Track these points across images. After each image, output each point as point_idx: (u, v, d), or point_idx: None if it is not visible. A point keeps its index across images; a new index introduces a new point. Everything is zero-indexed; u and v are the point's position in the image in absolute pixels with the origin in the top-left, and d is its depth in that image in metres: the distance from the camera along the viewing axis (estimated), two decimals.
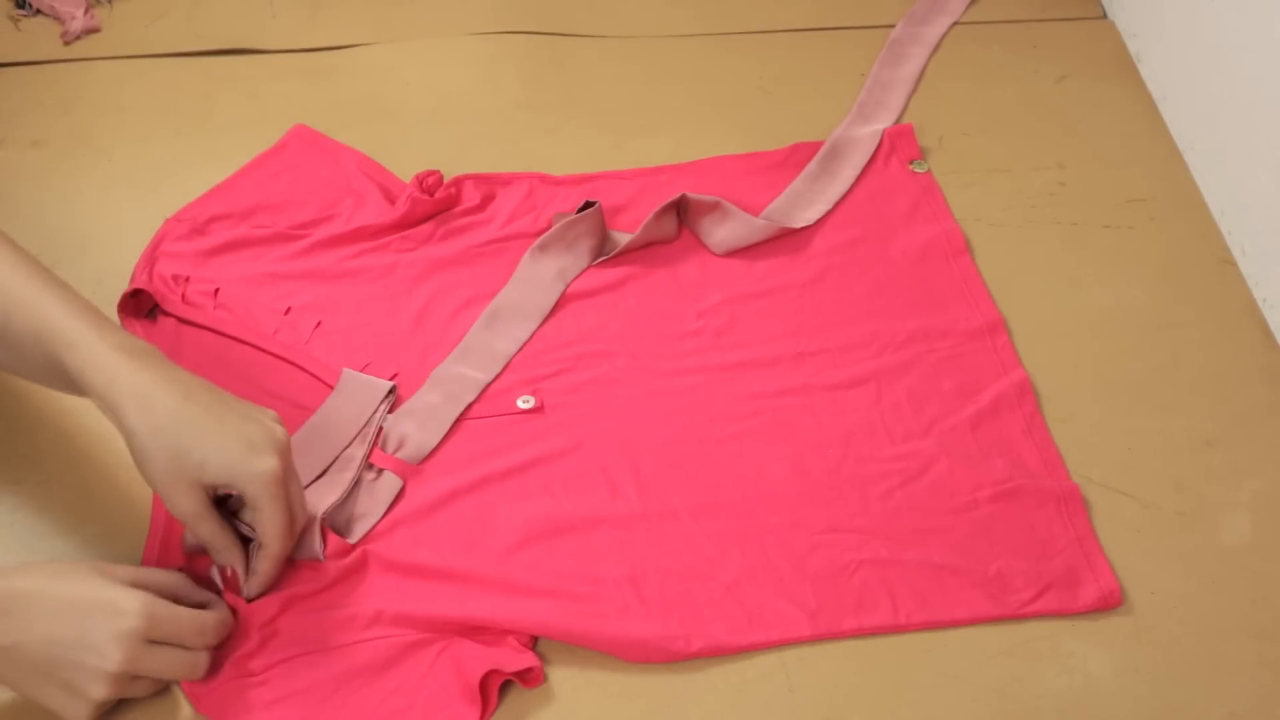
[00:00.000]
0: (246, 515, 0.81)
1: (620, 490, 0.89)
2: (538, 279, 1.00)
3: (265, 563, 0.80)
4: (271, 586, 0.81)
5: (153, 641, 0.74)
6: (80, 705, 0.73)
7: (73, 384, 0.77)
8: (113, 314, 0.94)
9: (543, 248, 1.01)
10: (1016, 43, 1.22)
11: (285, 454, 0.79)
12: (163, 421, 0.75)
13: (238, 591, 0.81)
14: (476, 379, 0.94)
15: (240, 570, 0.80)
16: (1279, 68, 1.00)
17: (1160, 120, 1.15)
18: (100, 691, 0.73)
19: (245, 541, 0.81)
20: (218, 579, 0.82)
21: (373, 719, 0.78)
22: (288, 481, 0.79)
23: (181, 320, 0.96)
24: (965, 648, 0.83)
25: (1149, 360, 0.99)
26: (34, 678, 0.72)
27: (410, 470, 0.89)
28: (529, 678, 0.80)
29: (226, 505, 0.81)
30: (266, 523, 0.78)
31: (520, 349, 0.96)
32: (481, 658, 0.79)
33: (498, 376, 0.95)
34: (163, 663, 0.75)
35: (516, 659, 0.79)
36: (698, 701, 0.80)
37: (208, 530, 0.78)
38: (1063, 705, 0.81)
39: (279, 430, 0.79)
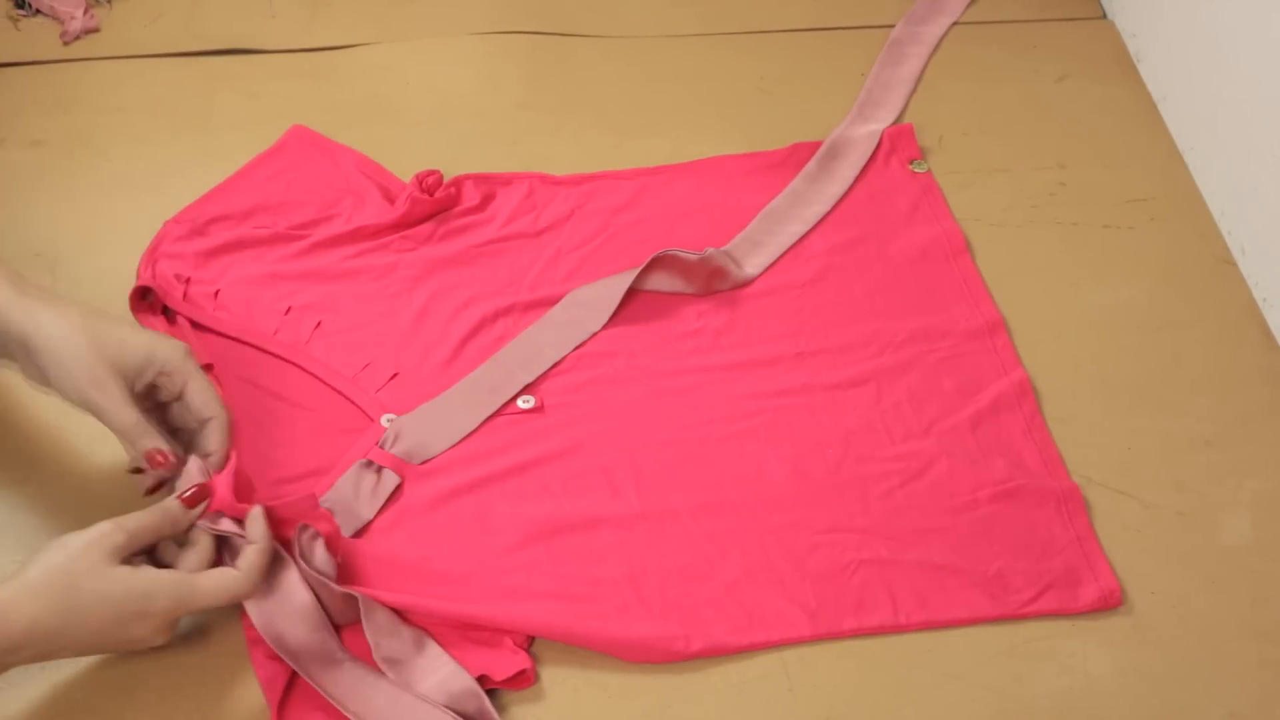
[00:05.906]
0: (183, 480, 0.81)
1: (620, 490, 0.89)
2: (567, 324, 0.98)
3: (218, 433, 0.82)
4: (232, 461, 0.82)
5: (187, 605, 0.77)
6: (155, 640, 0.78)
7: None
8: (118, 313, 0.93)
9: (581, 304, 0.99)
10: (1016, 43, 1.22)
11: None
12: (79, 320, 0.80)
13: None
14: (492, 399, 0.93)
15: (163, 446, 0.81)
16: (1279, 68, 1.00)
17: (1160, 120, 1.15)
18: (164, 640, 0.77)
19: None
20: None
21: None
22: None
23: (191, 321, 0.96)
24: (965, 648, 0.83)
25: (1149, 360, 0.99)
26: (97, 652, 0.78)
27: (410, 469, 0.89)
28: (519, 680, 0.79)
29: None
30: (202, 390, 0.83)
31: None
32: (473, 661, 0.79)
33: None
34: (212, 594, 0.77)
35: (509, 662, 0.79)
36: (698, 701, 0.80)
37: (130, 417, 0.80)
38: (1063, 705, 0.81)
39: None
